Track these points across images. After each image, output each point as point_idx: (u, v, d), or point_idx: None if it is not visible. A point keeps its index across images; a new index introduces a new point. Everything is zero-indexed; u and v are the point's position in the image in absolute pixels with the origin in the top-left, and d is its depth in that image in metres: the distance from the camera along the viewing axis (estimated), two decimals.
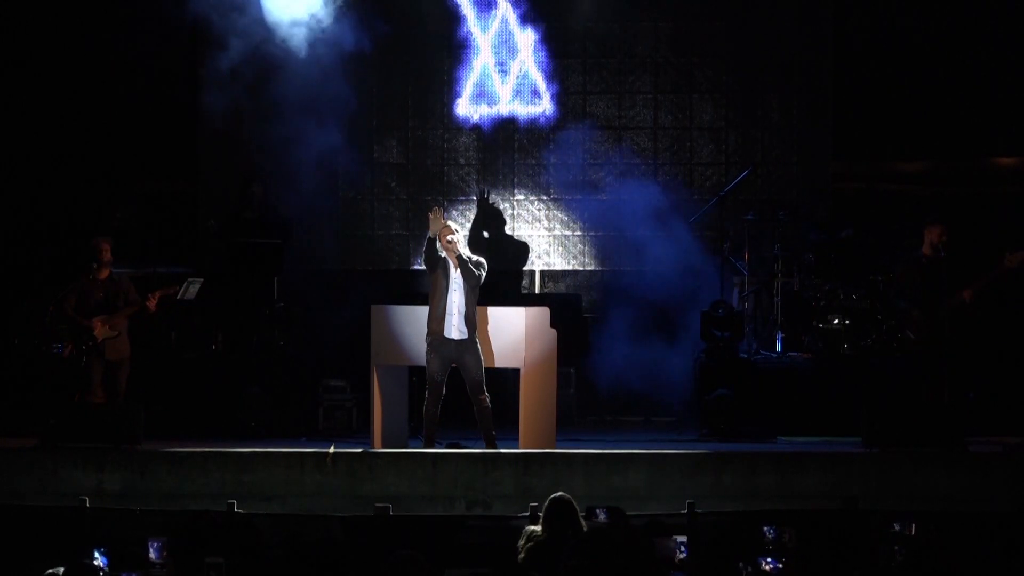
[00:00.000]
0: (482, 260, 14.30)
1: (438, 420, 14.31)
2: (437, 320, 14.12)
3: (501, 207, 18.71)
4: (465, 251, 14.24)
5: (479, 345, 14.18)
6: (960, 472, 13.58)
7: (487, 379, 14.26)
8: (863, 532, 9.36)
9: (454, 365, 14.20)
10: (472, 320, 14.12)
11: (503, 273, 17.47)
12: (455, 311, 14.13)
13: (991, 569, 8.73)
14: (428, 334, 14.18)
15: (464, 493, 13.68)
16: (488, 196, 18.57)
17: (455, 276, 14.17)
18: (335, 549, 8.81)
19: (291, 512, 12.93)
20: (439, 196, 18.71)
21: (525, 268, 18.71)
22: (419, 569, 7.81)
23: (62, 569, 8.18)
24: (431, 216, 14.28)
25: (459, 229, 14.49)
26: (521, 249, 18.62)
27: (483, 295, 14.32)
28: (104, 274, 15.10)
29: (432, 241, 14.20)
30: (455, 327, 14.12)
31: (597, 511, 10.04)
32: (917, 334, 14.77)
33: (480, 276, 14.17)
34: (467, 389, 14.20)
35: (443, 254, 14.18)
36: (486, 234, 18.36)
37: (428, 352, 14.19)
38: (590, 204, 18.72)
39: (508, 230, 18.68)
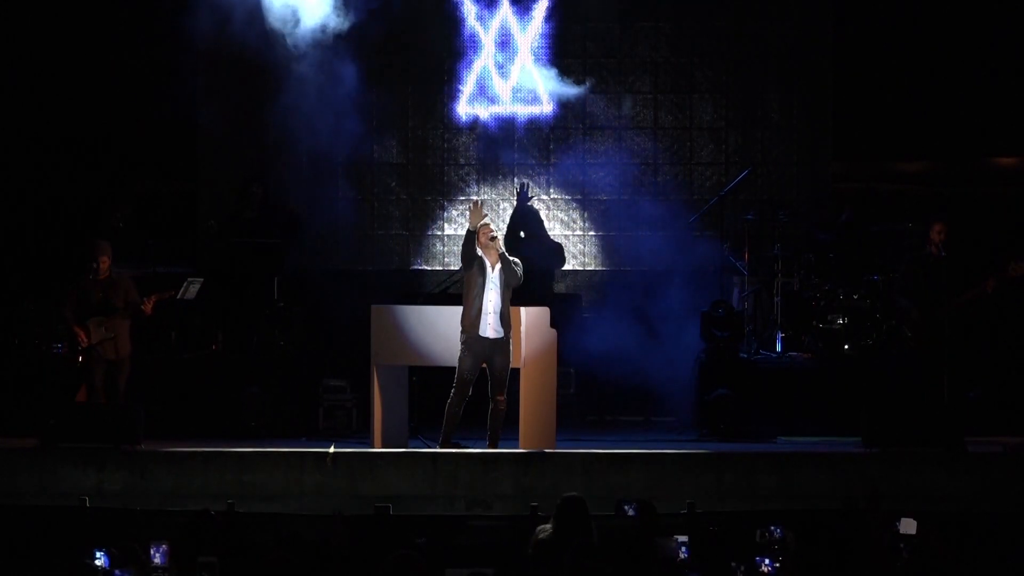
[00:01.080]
0: (518, 260, 14.27)
1: (458, 420, 14.29)
2: (472, 319, 14.04)
3: (501, 207, 18.69)
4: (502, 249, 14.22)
5: (511, 346, 14.16)
6: (960, 472, 13.58)
7: None
8: (863, 532, 9.36)
9: (483, 364, 14.19)
10: (508, 319, 14.06)
11: (537, 273, 17.34)
12: (491, 310, 14.06)
13: (991, 569, 8.73)
14: (463, 332, 14.11)
15: (464, 493, 13.67)
16: (528, 192, 18.46)
17: (492, 275, 14.11)
18: (335, 549, 8.81)
19: (291, 512, 12.93)
20: (439, 196, 18.71)
21: (562, 268, 18.61)
22: (418, 569, 7.82)
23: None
24: (471, 209, 14.23)
25: (497, 228, 14.46)
26: (556, 249, 18.51)
27: (515, 295, 14.30)
28: (103, 274, 15.06)
29: (472, 235, 14.10)
30: (491, 326, 14.05)
31: (625, 506, 9.99)
32: (917, 333, 14.77)
33: (521, 276, 14.15)
34: (488, 387, 14.17)
35: (480, 252, 14.13)
36: (522, 234, 18.28)
37: (462, 350, 14.10)
38: (590, 204, 18.71)
39: (539, 230, 18.54)
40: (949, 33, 18.04)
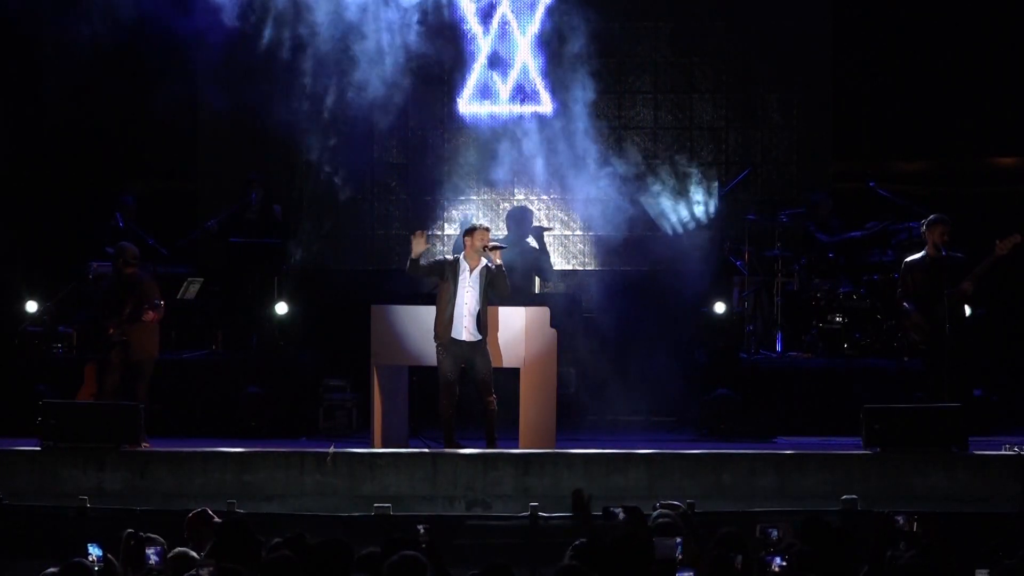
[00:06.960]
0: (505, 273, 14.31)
1: (454, 421, 14.30)
2: (444, 325, 14.10)
3: (501, 206, 18.68)
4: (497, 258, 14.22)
5: (488, 347, 14.17)
6: (960, 472, 13.57)
7: None
8: (864, 532, 9.36)
9: (463, 365, 14.19)
10: (484, 323, 14.10)
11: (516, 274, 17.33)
12: (465, 313, 14.09)
13: (991, 570, 8.73)
14: (436, 337, 14.16)
15: (464, 493, 13.68)
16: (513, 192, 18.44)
17: (470, 278, 14.12)
18: (335, 549, 8.80)
19: (291, 512, 12.94)
20: (439, 196, 18.70)
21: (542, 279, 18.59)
22: (419, 569, 7.82)
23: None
24: (414, 240, 14.22)
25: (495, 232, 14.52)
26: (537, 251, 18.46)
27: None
28: (126, 277, 14.95)
29: (415, 262, 14.13)
30: (466, 329, 14.09)
31: (614, 510, 9.97)
32: (918, 334, 14.76)
33: (508, 291, 14.20)
34: (475, 390, 14.20)
35: (468, 260, 14.11)
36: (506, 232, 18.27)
37: (439, 353, 14.17)
38: (590, 204, 18.70)
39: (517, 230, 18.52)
40: (949, 33, 18.04)
